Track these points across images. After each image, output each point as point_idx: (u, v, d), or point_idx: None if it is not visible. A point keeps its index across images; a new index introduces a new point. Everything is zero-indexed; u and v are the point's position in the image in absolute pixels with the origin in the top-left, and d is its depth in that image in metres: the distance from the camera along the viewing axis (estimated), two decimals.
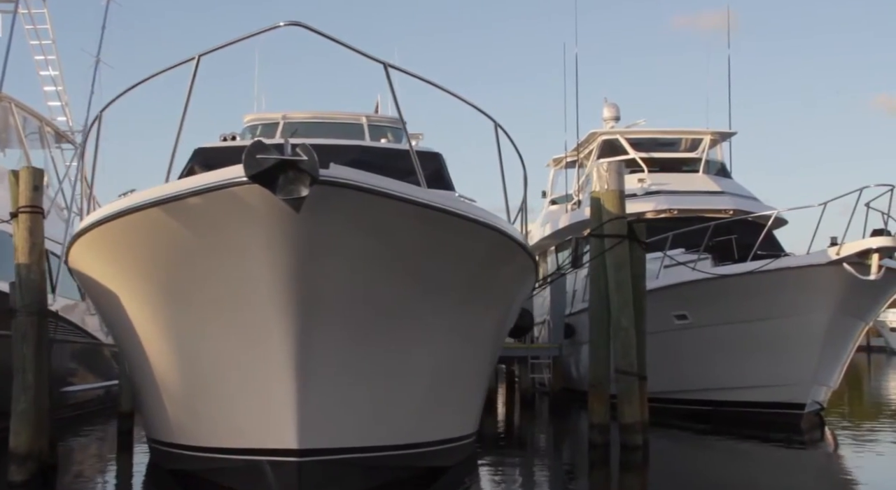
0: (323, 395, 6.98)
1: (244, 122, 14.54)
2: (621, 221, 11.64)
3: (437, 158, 11.56)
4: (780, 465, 11.44)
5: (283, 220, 6.00)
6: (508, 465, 11.12)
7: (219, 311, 6.88)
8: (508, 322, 9.78)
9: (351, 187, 6.01)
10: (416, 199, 6.42)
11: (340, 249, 6.43)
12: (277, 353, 6.73)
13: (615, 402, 11.53)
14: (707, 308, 14.39)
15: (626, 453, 11.21)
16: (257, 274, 6.41)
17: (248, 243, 6.26)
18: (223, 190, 5.94)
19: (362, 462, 7.57)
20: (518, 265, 8.22)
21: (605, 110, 23.09)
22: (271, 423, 7.03)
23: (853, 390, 27.16)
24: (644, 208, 18.72)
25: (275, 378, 6.83)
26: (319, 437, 7.07)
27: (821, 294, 13.03)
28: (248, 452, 7.35)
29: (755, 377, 14.28)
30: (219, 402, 7.51)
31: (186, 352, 7.52)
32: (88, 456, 11.78)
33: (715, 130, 20.67)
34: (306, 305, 6.55)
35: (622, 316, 11.46)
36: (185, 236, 6.51)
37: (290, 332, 6.62)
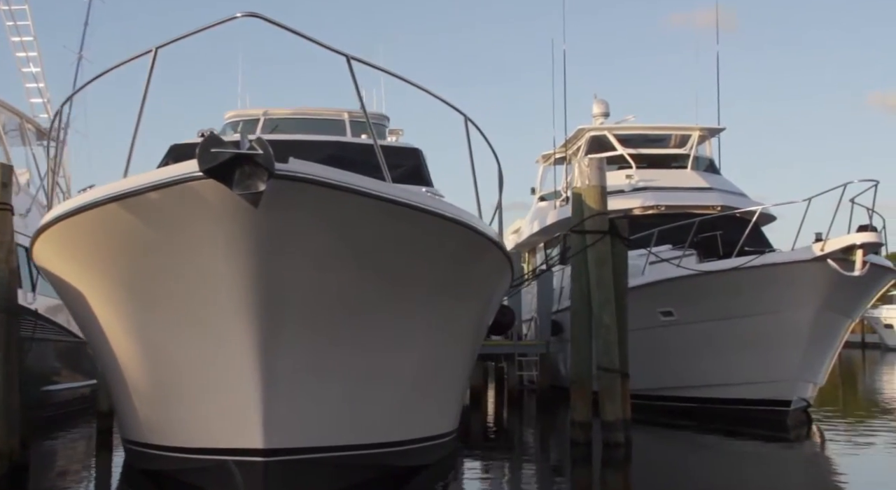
0: (290, 394, 6.87)
1: (225, 119, 14.41)
2: (602, 217, 11.54)
3: (416, 154, 11.44)
4: (764, 462, 11.34)
5: (241, 216, 5.89)
6: (490, 463, 11.02)
7: (182, 309, 6.76)
8: (486, 319, 9.67)
9: (310, 182, 5.89)
10: (379, 194, 6.29)
11: (302, 246, 6.32)
12: (241, 352, 6.62)
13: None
14: (692, 305, 14.30)
15: (608, 451, 11.11)
16: (218, 271, 6.30)
17: (206, 240, 6.15)
18: (180, 185, 5.83)
19: (334, 461, 7.46)
20: (491, 261, 8.10)
21: (594, 107, 22.99)
22: (237, 423, 6.93)
23: (847, 386, 27.15)
24: (631, 205, 18.63)
25: (239, 377, 6.72)
26: (286, 436, 6.96)
27: (805, 290, 12.94)
28: (215, 452, 7.25)
29: (741, 374, 14.19)
30: (186, 402, 7.40)
31: (152, 351, 7.41)
32: (64, 456, 11.66)
33: (703, 126, 20.57)
34: (269, 303, 6.44)
35: (604, 313, 11.36)
36: (145, 232, 6.39)
37: (254, 331, 6.51)
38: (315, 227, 6.27)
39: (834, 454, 12.18)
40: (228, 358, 6.70)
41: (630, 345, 15.65)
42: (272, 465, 6.92)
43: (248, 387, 6.71)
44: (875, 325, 67.61)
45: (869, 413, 17.71)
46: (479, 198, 8.05)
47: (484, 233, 7.51)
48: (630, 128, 21.03)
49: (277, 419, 6.85)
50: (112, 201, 6.24)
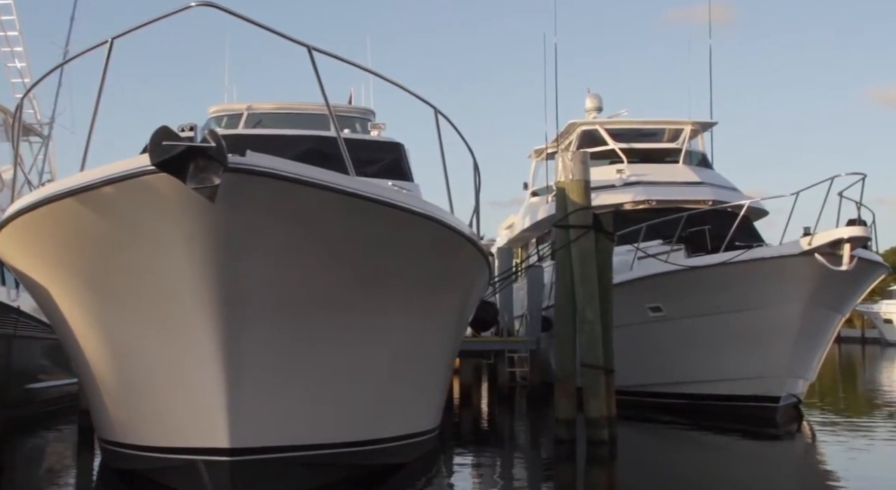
0: (256, 392, 6.75)
1: (209, 114, 14.28)
2: (586, 212, 11.41)
3: (397, 149, 11.31)
4: (750, 458, 11.22)
5: (198, 211, 5.76)
6: (472, 461, 10.90)
7: (145, 306, 6.64)
8: (465, 315, 9.54)
9: (265, 175, 5.76)
10: (339, 188, 6.14)
11: (264, 242, 6.19)
12: (205, 351, 6.50)
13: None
14: (681, 300, 14.17)
15: (592, 448, 11.00)
16: (177, 267, 6.17)
17: (164, 236, 6.02)
18: (134, 179, 5.70)
19: (306, 460, 7.34)
20: (465, 257, 7.96)
21: (587, 101, 22.83)
22: (204, 422, 6.81)
23: (846, 382, 27.05)
24: (622, 199, 18.51)
25: (204, 376, 6.60)
26: (254, 435, 6.84)
27: (793, 285, 12.80)
28: (184, 452, 7.13)
29: (729, 370, 14.07)
30: (154, 401, 7.29)
31: (119, 349, 7.29)
32: (43, 454, 11.56)
33: (695, 121, 20.44)
34: (231, 300, 6.32)
35: (587, 308, 11.23)
36: (103, 228, 6.27)
37: (216, 329, 6.39)
38: (276, 223, 6.14)
39: (823, 450, 12.09)
40: (192, 356, 6.58)
41: (619, 341, 15.54)
42: (239, 465, 6.80)
43: (213, 385, 6.59)
44: (875, 320, 67.54)
45: (864, 409, 17.60)
46: (450, 193, 7.91)
47: (455, 228, 7.38)
48: (621, 122, 20.90)
49: (244, 418, 6.73)
50: (68, 196, 6.11)
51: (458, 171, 9.70)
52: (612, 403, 11.57)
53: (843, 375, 31.17)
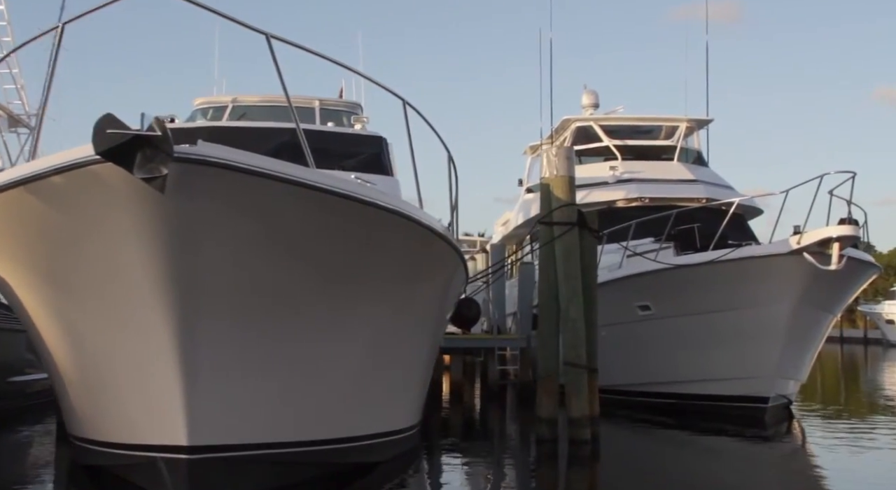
0: (215, 389, 6.60)
1: (194, 106, 14.12)
2: (571, 208, 11.26)
3: (378, 142, 11.14)
4: (736, 459, 11.12)
5: (148, 202, 5.60)
6: (450, 460, 10.74)
7: (101, 300, 6.50)
8: (440, 311, 9.36)
9: (219, 166, 5.59)
10: (296, 179, 5.97)
11: (218, 234, 6.03)
12: (161, 346, 6.35)
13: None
14: (669, 299, 14.01)
15: (574, 448, 10.84)
16: (130, 261, 6.02)
17: (115, 227, 5.86)
18: (82, 168, 5.54)
19: (270, 458, 7.20)
20: (435, 252, 7.79)
21: (583, 97, 22.69)
22: (162, 419, 6.67)
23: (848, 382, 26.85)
24: (615, 197, 18.35)
25: (161, 372, 6.46)
26: (214, 433, 6.70)
27: (782, 284, 12.63)
28: (145, 449, 6.99)
29: (718, 370, 13.90)
30: (115, 397, 7.15)
31: (79, 343, 7.15)
32: (21, 448, 11.42)
33: (691, 118, 20.25)
34: (186, 295, 6.16)
35: (571, 306, 11.09)
36: (54, 218, 6.12)
37: (171, 324, 6.24)
38: (231, 215, 5.98)
39: (811, 452, 11.90)
40: (149, 352, 6.43)
41: (608, 339, 15.42)
42: (198, 463, 6.66)
43: (170, 382, 6.45)
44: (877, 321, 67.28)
45: (861, 410, 17.42)
46: (419, 187, 7.74)
47: (422, 222, 7.21)
48: (616, 118, 20.73)
49: (202, 415, 6.59)
50: (18, 186, 5.97)
51: (461, 169, 9.64)
52: (595, 402, 11.42)
53: (844, 376, 30.97)
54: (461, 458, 11.03)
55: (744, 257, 12.78)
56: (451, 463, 10.58)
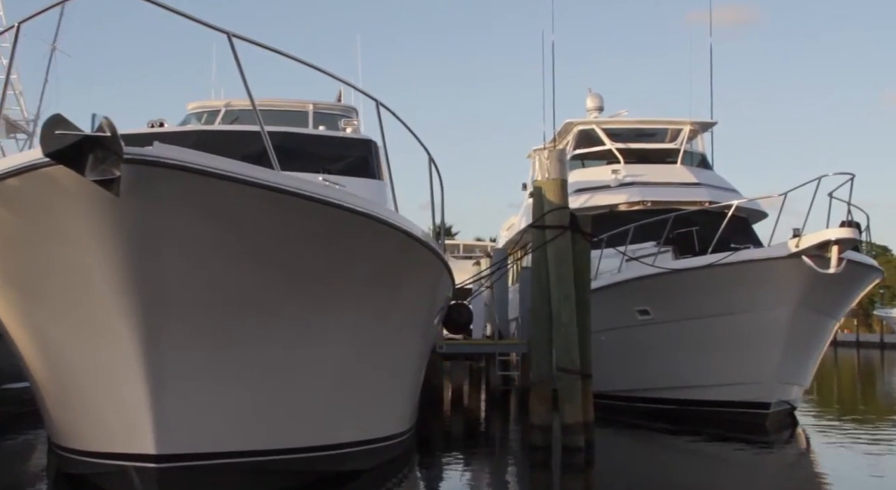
0: (183, 396, 6.46)
1: (188, 110, 14.05)
2: (563, 212, 11.09)
3: (366, 146, 11.00)
4: (734, 466, 10.94)
5: (104, 206, 5.47)
6: (438, 467, 10.59)
7: (68, 306, 6.37)
8: (425, 316, 9.17)
9: (175, 167, 5.45)
10: (256, 181, 5.81)
11: (179, 238, 5.88)
12: (127, 353, 6.22)
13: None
14: (668, 303, 13.80)
15: (567, 456, 10.66)
16: (92, 266, 5.89)
17: (74, 231, 5.73)
18: (36, 170, 5.42)
19: (244, 467, 7.06)
20: (412, 255, 7.62)
21: (588, 100, 22.49)
22: (131, 428, 6.54)
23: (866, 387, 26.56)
24: (616, 200, 18.16)
25: (128, 379, 6.33)
26: (184, 441, 6.56)
27: (781, 288, 12.40)
28: (118, 457, 6.87)
29: (718, 375, 13.68)
30: (87, 404, 7.03)
31: (51, 350, 7.04)
32: (10, 456, 11.32)
33: (695, 120, 20.04)
34: (149, 300, 6.03)
35: (563, 311, 10.90)
36: (17, 222, 6.00)
37: (135, 330, 6.10)
38: (192, 218, 5.84)
39: (813, 459, 11.71)
40: (116, 359, 6.31)
41: (608, 344, 15.22)
42: (168, 472, 6.53)
43: (136, 389, 6.32)
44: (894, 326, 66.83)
45: (873, 417, 17.15)
46: (394, 190, 7.57)
47: (395, 225, 7.04)
48: (618, 121, 20.54)
49: (171, 423, 6.45)
50: None
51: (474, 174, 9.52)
52: (590, 409, 11.23)
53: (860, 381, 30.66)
54: (452, 465, 10.87)
55: (742, 261, 12.56)
56: (441, 470, 10.43)
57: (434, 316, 9.65)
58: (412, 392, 10.23)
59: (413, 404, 10.70)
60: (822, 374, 33.79)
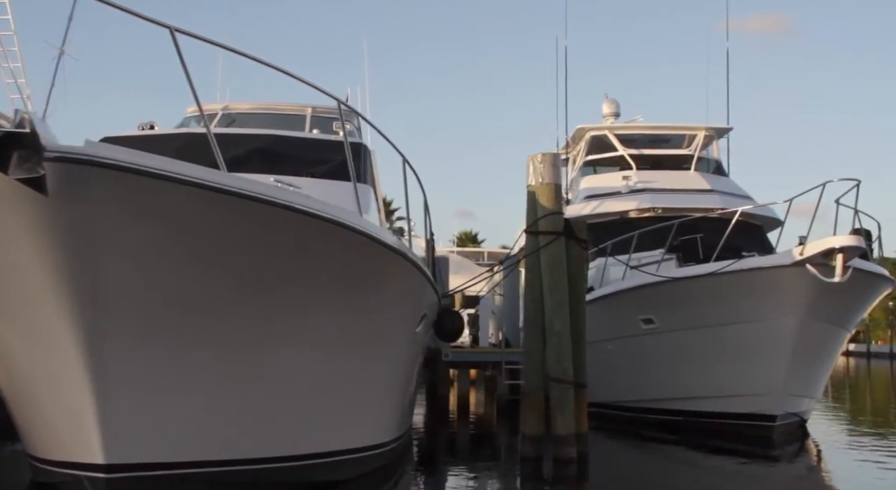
0: (132, 405, 6.25)
1: (186, 114, 13.93)
2: (556, 217, 10.82)
3: (353, 149, 10.73)
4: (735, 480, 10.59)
5: (34, 205, 5.27)
6: (425, 477, 10.35)
7: (12, 312, 6.17)
8: (404, 323, 8.88)
9: (105, 166, 5.24)
10: (194, 180, 5.57)
11: (118, 240, 5.67)
12: (73, 361, 6.02)
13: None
14: (673, 312, 13.45)
15: (558, 467, 10.37)
16: (31, 269, 5.68)
17: (10, 232, 5.53)
18: None
19: (203, 477, 6.84)
20: (380, 260, 7.36)
21: (604, 106, 22.23)
22: (81, 436, 6.35)
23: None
24: (627, 207, 17.85)
25: (76, 388, 6.13)
26: (133, 450, 6.36)
27: (786, 297, 12.02)
28: (72, 466, 6.69)
29: (724, 386, 13.32)
30: (42, 412, 6.84)
31: (6, 356, 6.85)
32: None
33: (709, 126, 19.66)
34: (90, 306, 5.81)
35: (556, 319, 10.63)
36: None
37: (78, 337, 5.88)
38: (130, 219, 5.63)
39: (822, 474, 11.30)
40: (61, 366, 6.11)
41: (613, 354, 14.94)
42: (117, 482, 6.33)
43: (83, 398, 6.13)
44: None
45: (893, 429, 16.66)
46: (357, 191, 7.33)
47: (356, 228, 6.78)
48: (631, 127, 20.22)
49: (120, 432, 6.25)
50: None
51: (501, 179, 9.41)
52: (583, 420, 10.94)
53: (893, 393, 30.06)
54: (439, 475, 10.64)
55: (744, 269, 12.18)
56: (426, 480, 10.19)
57: (416, 323, 9.39)
58: (398, 401, 9.98)
59: (402, 413, 10.46)
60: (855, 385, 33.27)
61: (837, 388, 29.54)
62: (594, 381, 15.85)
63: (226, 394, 6.81)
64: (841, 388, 30.06)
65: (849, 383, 34.28)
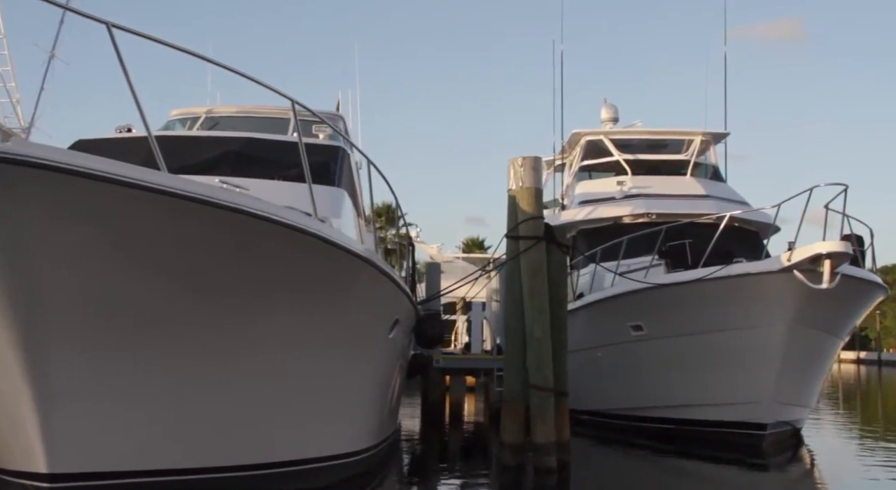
0: (75, 414, 6.08)
1: (170, 117, 13.81)
2: (537, 222, 10.65)
3: (330, 152, 10.61)
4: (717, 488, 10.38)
5: None
6: (400, 486, 10.15)
7: None
8: (368, 330, 8.66)
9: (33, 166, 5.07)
10: (130, 181, 5.39)
11: (51, 243, 5.51)
12: (14, 369, 5.87)
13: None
14: (661, 318, 13.24)
15: (538, 477, 10.19)
16: None
17: None
18: None
19: (154, 487, 6.67)
20: (336, 263, 7.17)
21: (602, 111, 22.06)
22: (25, 445, 6.20)
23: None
24: (621, 212, 17.64)
25: (18, 396, 5.98)
26: (78, 460, 6.19)
27: (774, 304, 11.80)
28: (21, 476, 6.53)
29: (714, 394, 13.09)
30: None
31: None
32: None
33: (706, 131, 19.45)
34: (28, 311, 5.64)
35: (536, 325, 10.45)
36: None
37: (17, 344, 5.72)
38: (60, 221, 5.45)
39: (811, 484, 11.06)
40: (6, 374, 5.96)
41: (603, 361, 14.74)
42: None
43: (24, 407, 5.97)
44: None
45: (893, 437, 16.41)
46: (312, 195, 7.14)
47: (305, 230, 6.59)
48: (627, 132, 20.03)
49: (63, 441, 6.09)
50: None
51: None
52: (565, 428, 10.77)
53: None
54: (417, 483, 10.48)
55: (731, 276, 11.96)
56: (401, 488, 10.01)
57: (387, 328, 9.21)
58: (374, 407, 9.81)
59: (379, 419, 10.29)
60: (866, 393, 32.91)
61: (848, 397, 29.22)
62: (585, 388, 15.72)
63: (180, 402, 6.66)
64: (852, 397, 29.72)
65: (859, 391, 33.92)
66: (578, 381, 15.65)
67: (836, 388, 32.89)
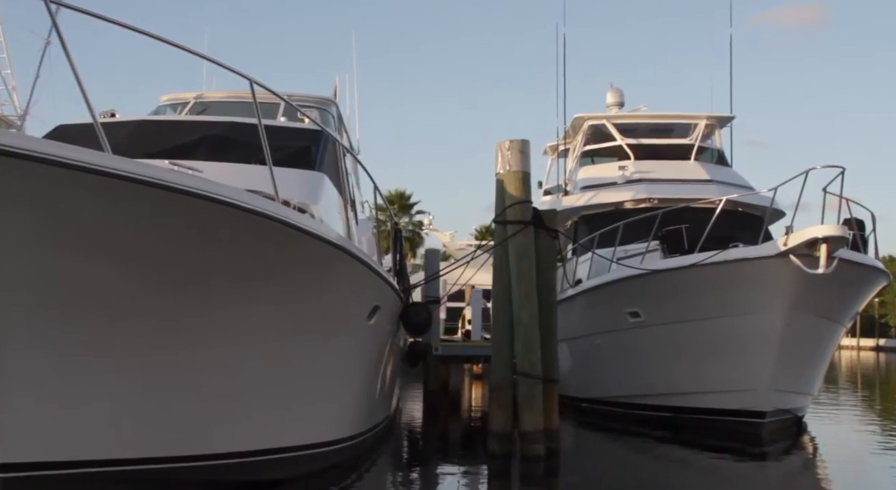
0: (26, 402, 5.94)
1: (160, 102, 13.69)
2: (524, 206, 10.45)
3: (311, 136, 10.43)
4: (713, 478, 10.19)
5: None
6: (382, 474, 9.99)
7: None
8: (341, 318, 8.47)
9: None
10: (66, 162, 5.20)
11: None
12: None
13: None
14: (658, 305, 13.00)
15: (526, 465, 10.02)
16: None
17: None
18: None
19: (113, 477, 6.52)
20: (301, 248, 6.99)
21: (608, 95, 21.81)
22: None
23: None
24: (623, 198, 17.40)
25: None
26: (31, 449, 6.04)
27: (771, 290, 11.53)
28: None
29: (712, 382, 12.85)
30: None
31: None
32: None
33: (711, 115, 19.14)
34: None
35: (523, 311, 10.27)
36: None
37: None
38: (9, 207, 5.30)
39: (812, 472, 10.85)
40: None
41: (601, 348, 14.53)
42: (13, 482, 6.04)
43: None
44: None
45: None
46: (273, 179, 6.95)
47: (267, 214, 6.39)
48: (630, 116, 19.76)
49: (14, 431, 5.95)
50: None
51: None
52: (554, 416, 10.58)
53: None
54: (402, 470, 10.34)
55: (726, 261, 11.70)
56: (384, 476, 9.87)
57: (363, 316, 9.02)
58: (356, 395, 9.65)
59: (364, 408, 10.13)
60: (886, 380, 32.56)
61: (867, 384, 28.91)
62: (585, 376, 15.53)
63: (141, 391, 6.50)
64: (871, 384, 29.39)
65: (878, 379, 33.57)
66: (578, 369, 15.50)
67: (854, 375, 32.55)
